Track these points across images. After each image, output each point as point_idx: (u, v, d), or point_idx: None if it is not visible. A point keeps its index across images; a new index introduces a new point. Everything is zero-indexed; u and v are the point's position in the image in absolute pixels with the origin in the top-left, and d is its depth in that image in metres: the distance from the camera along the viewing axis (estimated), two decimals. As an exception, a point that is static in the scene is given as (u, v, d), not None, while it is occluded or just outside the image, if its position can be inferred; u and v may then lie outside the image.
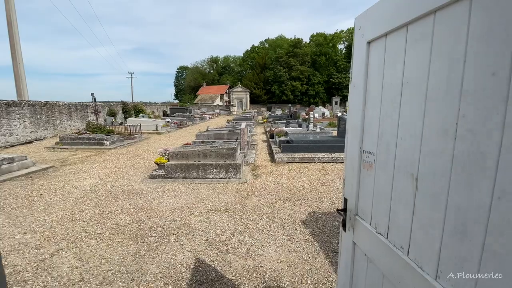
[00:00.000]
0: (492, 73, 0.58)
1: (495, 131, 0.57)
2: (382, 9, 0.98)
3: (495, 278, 0.59)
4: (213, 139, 8.46)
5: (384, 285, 1.01)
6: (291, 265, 2.46)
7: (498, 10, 0.57)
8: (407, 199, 0.86)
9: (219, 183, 5.09)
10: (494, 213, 0.58)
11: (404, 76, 0.87)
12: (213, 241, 2.92)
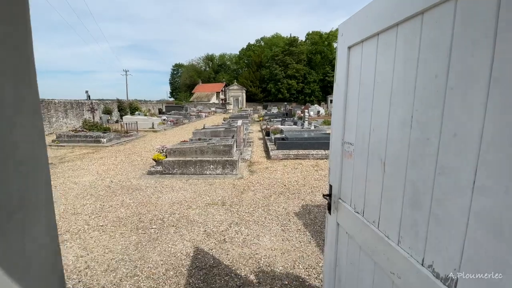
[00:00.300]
0: (435, 76, 0.74)
1: (436, 122, 0.74)
2: (359, 19, 1.14)
3: (439, 236, 0.75)
4: (209, 136, 8.58)
5: (361, 256, 1.18)
6: (284, 253, 2.63)
7: (438, 27, 0.73)
8: (377, 180, 1.03)
9: (216, 179, 5.23)
10: (436, 186, 0.75)
11: (375, 77, 1.03)
12: (211, 232, 3.07)
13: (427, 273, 0.78)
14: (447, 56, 0.70)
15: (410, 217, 0.86)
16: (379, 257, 1.02)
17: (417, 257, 0.82)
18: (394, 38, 0.91)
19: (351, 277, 1.28)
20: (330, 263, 1.49)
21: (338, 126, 1.34)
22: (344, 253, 1.35)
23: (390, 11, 0.92)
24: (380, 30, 0.98)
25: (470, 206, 0.64)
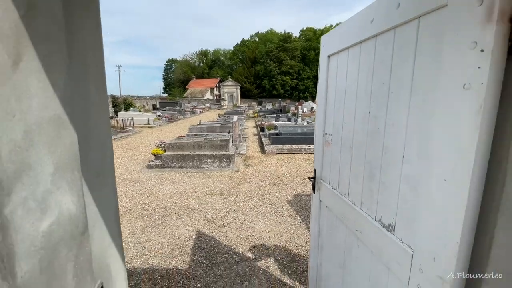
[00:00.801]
0: (382, 83, 1.03)
1: (383, 116, 1.03)
2: (336, 34, 1.42)
3: (384, 197, 1.05)
4: (206, 132, 8.81)
5: (337, 223, 1.48)
6: (277, 234, 2.94)
7: (385, 47, 1.02)
8: (348, 162, 1.32)
9: (214, 172, 5.50)
10: (382, 162, 1.05)
11: (346, 82, 1.32)
12: (210, 218, 3.36)
13: (378, 225, 1.08)
14: (389, 69, 1.00)
15: (368, 187, 1.16)
16: (348, 221, 1.33)
17: (372, 215, 1.13)
18: (358, 52, 1.20)
19: (329, 242, 1.59)
20: (315, 234, 1.80)
21: (320, 120, 1.63)
22: (325, 224, 1.65)
23: (357, 32, 1.20)
24: (350, 45, 1.27)
25: (401, 172, 0.94)
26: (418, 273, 0.84)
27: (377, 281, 1.10)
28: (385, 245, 1.01)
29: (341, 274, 1.44)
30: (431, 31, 0.78)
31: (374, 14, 1.05)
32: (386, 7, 0.98)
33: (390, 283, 1.01)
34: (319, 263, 1.77)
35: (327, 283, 1.66)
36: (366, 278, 1.18)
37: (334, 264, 1.52)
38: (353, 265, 1.30)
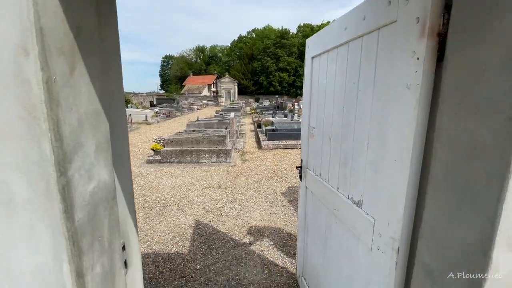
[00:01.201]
0: (353, 82, 1.22)
1: (354, 110, 1.21)
2: (318, 39, 1.60)
3: (355, 180, 1.24)
4: (203, 128, 8.96)
5: (320, 206, 1.67)
6: (271, 222, 3.15)
7: (355, 52, 1.20)
8: (327, 151, 1.51)
9: (211, 166, 5.69)
10: (353, 150, 1.24)
11: (326, 81, 1.50)
12: (209, 209, 3.56)
13: (350, 202, 1.27)
14: (358, 70, 1.18)
15: (342, 172, 1.35)
16: (328, 202, 1.52)
17: (346, 195, 1.32)
18: (335, 55, 1.39)
19: (314, 224, 1.79)
20: (302, 217, 2.00)
21: (306, 115, 1.82)
22: (310, 208, 1.85)
23: (335, 37, 1.39)
24: (329, 48, 1.45)
25: (367, 158, 1.13)
26: (377, 237, 1.04)
27: (349, 248, 1.30)
28: (356, 219, 1.21)
29: (323, 249, 1.64)
30: (386, 41, 0.97)
31: (347, 23, 1.24)
32: (356, 18, 1.16)
33: (359, 250, 1.21)
34: (305, 244, 1.97)
35: (312, 260, 1.86)
36: (342, 247, 1.39)
37: (318, 240, 1.73)
38: (332, 239, 1.50)
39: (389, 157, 0.95)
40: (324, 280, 1.65)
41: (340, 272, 1.42)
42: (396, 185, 0.91)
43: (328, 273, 1.60)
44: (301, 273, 2.10)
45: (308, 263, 1.95)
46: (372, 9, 1.03)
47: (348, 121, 1.27)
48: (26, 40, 0.50)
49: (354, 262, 1.26)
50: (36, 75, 0.51)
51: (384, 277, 1.01)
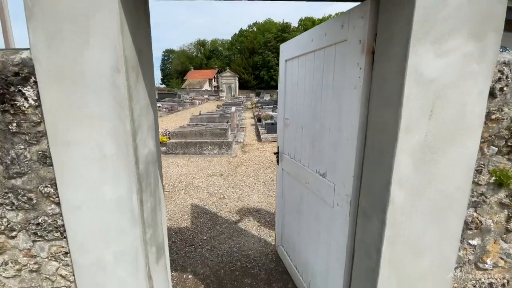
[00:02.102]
0: (318, 83, 1.59)
1: (319, 104, 1.59)
2: (291, 45, 1.94)
3: (320, 157, 1.62)
4: (206, 122, 9.34)
5: (294, 182, 2.02)
6: (268, 204, 3.57)
7: (319, 60, 1.57)
8: (299, 138, 1.88)
9: (214, 157, 6.10)
10: (319, 134, 1.62)
11: (298, 81, 1.85)
12: (213, 193, 3.97)
13: (317, 175, 1.65)
14: (322, 74, 1.54)
15: (311, 152, 1.72)
16: (301, 178, 1.88)
17: (314, 170, 1.69)
18: (304, 61, 1.74)
19: (290, 198, 2.14)
20: (279, 194, 2.35)
21: (281, 109, 2.17)
22: (286, 186, 2.21)
23: (304, 46, 1.73)
24: (299, 54, 1.79)
25: (328, 140, 1.51)
26: (337, 196, 1.43)
27: (318, 210, 1.68)
28: (321, 186, 1.59)
29: (297, 217, 2.02)
30: (341, 53, 1.34)
31: (314, 36, 1.60)
32: (320, 33, 1.52)
33: (325, 209, 1.59)
34: (283, 215, 2.34)
35: (288, 229, 2.23)
36: (312, 211, 1.76)
37: (293, 211, 2.10)
38: (304, 206, 1.87)
39: (343, 138, 1.33)
40: (298, 241, 2.03)
41: (310, 230, 1.80)
42: (348, 157, 1.30)
43: (301, 235, 1.98)
44: (279, 242, 2.47)
45: (285, 232, 2.31)
46: (331, 28, 1.40)
47: (315, 112, 1.64)
48: (118, 63, 0.89)
49: (320, 220, 1.65)
50: (123, 83, 0.90)
51: (341, 224, 1.40)
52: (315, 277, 1.79)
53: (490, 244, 1.09)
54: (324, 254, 1.62)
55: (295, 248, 2.12)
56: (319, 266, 1.71)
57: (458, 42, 0.87)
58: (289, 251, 2.25)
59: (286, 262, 2.34)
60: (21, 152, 1.00)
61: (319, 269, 1.71)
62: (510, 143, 0.99)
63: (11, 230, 1.09)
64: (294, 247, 2.14)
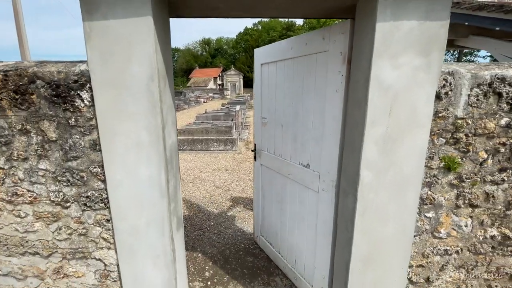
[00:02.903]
0: (299, 86, 1.86)
1: (300, 104, 1.85)
2: (266, 51, 2.16)
3: (302, 150, 1.90)
4: (211, 120, 9.66)
5: (275, 175, 2.21)
6: (270, 195, 3.86)
7: (300, 65, 1.84)
8: (280, 135, 2.12)
9: (219, 154, 6.41)
10: (301, 130, 1.89)
11: (276, 83, 2.09)
12: (219, 185, 4.28)
13: (301, 166, 1.90)
14: (302, 78, 1.81)
15: (293, 147, 1.97)
16: (283, 171, 2.10)
17: (297, 162, 1.94)
18: (283, 66, 1.97)
19: (270, 190, 2.31)
20: (258, 188, 2.51)
21: (258, 108, 2.36)
22: (265, 179, 2.37)
23: (282, 53, 1.94)
24: (277, 60, 2.01)
25: (311, 135, 1.78)
26: (322, 182, 1.70)
27: (302, 196, 1.92)
28: (305, 176, 1.84)
29: (279, 206, 2.21)
30: (322, 62, 1.60)
31: (293, 45, 1.82)
32: (300, 42, 1.76)
33: (309, 195, 1.84)
34: (262, 208, 2.50)
35: (269, 219, 2.40)
36: (296, 199, 1.99)
37: (274, 202, 2.28)
38: (287, 196, 2.09)
39: (327, 133, 1.60)
40: (281, 228, 2.22)
41: (295, 215, 2.02)
42: (332, 149, 1.58)
43: (283, 222, 2.17)
44: (258, 233, 2.62)
45: (266, 223, 2.47)
46: (312, 39, 1.64)
47: (297, 112, 1.86)
48: (152, 74, 1.18)
49: (305, 205, 1.89)
50: (156, 89, 1.20)
51: (327, 206, 1.68)
52: (300, 256, 2.03)
53: (443, 217, 1.36)
54: (311, 234, 1.87)
55: (277, 236, 2.30)
56: (305, 245, 1.95)
57: (409, 58, 1.14)
58: (271, 239, 2.42)
59: (267, 250, 2.50)
60: (77, 141, 1.31)
61: (305, 247, 1.96)
62: (455, 136, 1.26)
63: (66, 201, 1.41)
64: (276, 235, 2.32)
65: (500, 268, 1.44)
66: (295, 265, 2.12)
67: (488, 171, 1.30)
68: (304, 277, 2.02)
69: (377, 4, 1.09)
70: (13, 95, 1.28)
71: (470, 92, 1.21)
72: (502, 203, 1.34)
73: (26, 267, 1.55)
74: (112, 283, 1.53)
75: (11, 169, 1.38)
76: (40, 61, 1.36)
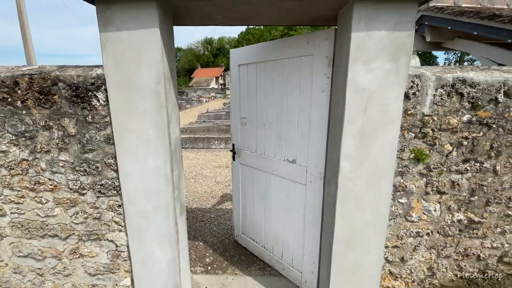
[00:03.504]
0: (282, 86, 2.03)
1: (284, 103, 2.04)
2: (244, 52, 2.21)
3: (286, 147, 2.07)
4: (212, 119, 9.86)
5: (258, 173, 2.30)
6: (268, 190, 4.04)
7: (283, 67, 2.01)
8: (262, 134, 2.24)
9: (220, 151, 6.60)
10: (286, 128, 2.07)
11: (257, 84, 2.22)
12: (219, 181, 4.48)
13: (286, 162, 2.03)
14: (286, 79, 1.96)
15: (278, 144, 2.10)
16: (266, 168, 2.20)
17: (282, 158, 2.07)
18: (265, 67, 2.07)
19: (252, 188, 2.37)
20: (237, 188, 2.58)
21: (236, 109, 2.37)
22: (247, 178, 2.41)
23: (264, 54, 2.03)
24: (258, 61, 2.08)
25: (297, 132, 1.95)
26: (309, 175, 1.88)
27: (288, 190, 2.05)
28: (292, 170, 1.96)
29: (263, 203, 2.29)
30: (307, 64, 1.75)
31: (276, 47, 1.93)
32: (283, 45, 1.88)
33: (296, 188, 1.99)
34: (243, 207, 2.54)
35: (252, 216, 2.44)
36: (281, 194, 2.11)
37: (257, 198, 2.34)
38: (272, 191, 2.18)
39: (314, 130, 1.77)
40: (265, 223, 2.31)
41: (280, 209, 2.12)
42: (319, 144, 1.75)
43: (268, 217, 2.25)
44: (239, 232, 2.66)
45: (248, 221, 2.52)
46: (296, 43, 1.79)
47: (280, 111, 1.97)
48: (159, 77, 1.37)
49: (292, 198, 2.02)
50: (162, 90, 1.39)
51: (315, 196, 1.85)
52: (288, 247, 2.16)
53: (414, 202, 1.54)
54: (300, 224, 2.00)
55: (262, 231, 2.38)
56: (293, 236, 2.08)
57: (380, 63, 1.32)
58: (254, 236, 2.49)
59: (250, 246, 2.57)
60: (93, 135, 1.50)
61: (293, 237, 2.08)
62: (423, 131, 1.44)
63: (82, 189, 1.60)
64: (260, 230, 2.40)
65: (467, 249, 1.62)
66: (282, 256, 2.23)
67: (453, 162, 1.47)
68: (293, 265, 2.15)
69: (352, 17, 1.27)
70: (37, 96, 1.47)
71: (435, 92, 1.39)
72: (466, 190, 1.51)
73: (45, 249, 1.75)
74: (123, 262, 1.72)
75: (34, 160, 1.58)
76: (61, 65, 1.56)
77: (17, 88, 1.46)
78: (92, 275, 1.77)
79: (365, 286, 1.63)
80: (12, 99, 1.48)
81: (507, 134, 1.43)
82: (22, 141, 1.54)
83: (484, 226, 1.57)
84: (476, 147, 1.45)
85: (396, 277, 1.67)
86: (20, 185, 1.62)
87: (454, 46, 2.87)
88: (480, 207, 1.54)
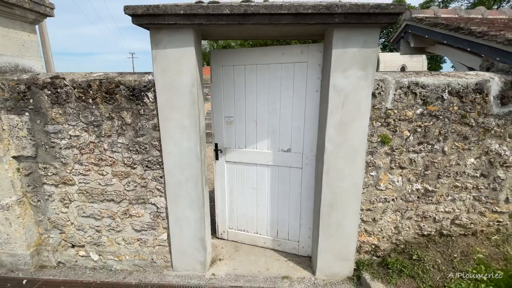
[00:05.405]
0: (276, 87, 2.54)
1: (277, 102, 2.52)
2: (229, 54, 2.85)
3: (284, 139, 2.57)
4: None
5: (248, 167, 2.78)
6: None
7: (276, 71, 2.51)
8: (253, 131, 2.66)
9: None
10: (280, 124, 2.57)
11: (245, 84, 2.67)
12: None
13: (281, 152, 2.49)
14: (279, 81, 2.43)
15: (272, 137, 2.55)
16: (259, 160, 2.56)
17: (277, 149, 2.56)
18: (255, 69, 2.46)
19: (240, 182, 2.59)
20: (221, 187, 2.66)
21: (219, 108, 2.48)
22: (233, 174, 2.60)
23: (255, 58, 2.52)
24: (247, 64, 2.53)
25: (292, 126, 2.45)
26: (305, 159, 2.37)
27: (284, 176, 2.52)
28: (287, 158, 2.41)
29: (254, 192, 2.56)
30: (301, 69, 2.23)
31: (268, 53, 2.28)
32: (277, 52, 2.29)
33: (292, 172, 2.49)
34: (230, 202, 2.69)
35: (241, 208, 2.64)
36: (277, 179, 2.57)
37: (248, 190, 2.58)
38: (266, 180, 2.50)
39: (308, 123, 2.27)
40: (258, 210, 2.58)
41: (275, 193, 2.52)
42: (312, 134, 2.26)
43: (261, 204, 2.54)
44: (225, 228, 2.79)
45: (236, 215, 2.70)
46: (289, 51, 2.25)
47: (274, 109, 2.33)
48: (193, 81, 1.90)
49: (287, 181, 2.47)
50: (195, 91, 1.92)
51: (310, 175, 2.35)
52: (283, 224, 2.54)
53: (382, 175, 2.03)
54: (296, 201, 2.44)
55: (254, 218, 2.62)
56: (289, 212, 2.50)
57: (354, 71, 1.82)
58: (245, 226, 2.69)
59: (239, 238, 2.74)
60: (144, 124, 2.05)
61: (289, 214, 2.50)
62: (387, 121, 1.93)
63: (134, 164, 2.16)
64: (252, 219, 2.63)
65: (425, 212, 2.11)
66: (278, 235, 2.59)
67: (410, 144, 1.96)
68: (289, 238, 2.56)
69: (332, 38, 1.77)
70: (104, 95, 2.02)
71: (395, 92, 1.88)
72: (422, 166, 2.00)
73: (103, 210, 2.32)
74: (162, 220, 2.28)
75: (99, 142, 2.13)
76: (120, 72, 2.11)
77: (90, 89, 2.02)
78: (138, 231, 2.33)
79: (346, 240, 2.14)
80: (85, 97, 2.04)
81: (451, 123, 1.91)
82: (91, 128, 2.10)
83: (437, 194, 2.06)
84: (427, 133, 1.93)
85: (370, 234, 2.18)
86: (88, 161, 2.18)
87: (435, 51, 3.32)
88: (433, 179, 2.03)
